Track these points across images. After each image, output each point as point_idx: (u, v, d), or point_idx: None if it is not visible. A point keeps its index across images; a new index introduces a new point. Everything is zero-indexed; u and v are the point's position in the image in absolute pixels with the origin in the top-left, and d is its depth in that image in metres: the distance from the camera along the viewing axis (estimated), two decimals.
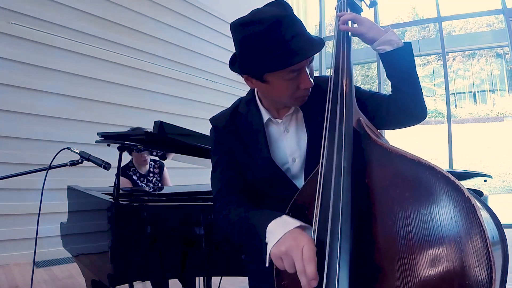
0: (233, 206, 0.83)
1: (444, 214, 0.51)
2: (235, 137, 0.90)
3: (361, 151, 0.67)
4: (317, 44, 0.75)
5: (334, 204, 0.61)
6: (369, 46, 0.86)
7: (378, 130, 0.77)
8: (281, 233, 0.63)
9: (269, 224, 0.66)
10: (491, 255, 0.45)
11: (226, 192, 0.87)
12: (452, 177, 0.52)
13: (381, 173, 0.62)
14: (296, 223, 0.65)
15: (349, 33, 0.87)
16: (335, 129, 0.70)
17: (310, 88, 0.81)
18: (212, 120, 0.95)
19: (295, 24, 0.74)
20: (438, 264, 0.50)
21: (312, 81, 0.79)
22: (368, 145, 0.66)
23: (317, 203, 0.65)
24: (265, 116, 0.89)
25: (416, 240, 0.53)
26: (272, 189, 0.89)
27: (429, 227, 0.52)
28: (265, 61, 0.73)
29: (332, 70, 0.82)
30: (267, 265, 0.65)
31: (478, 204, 0.50)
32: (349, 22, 0.87)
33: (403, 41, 0.82)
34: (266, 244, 0.66)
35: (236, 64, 0.81)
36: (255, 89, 0.90)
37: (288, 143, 0.88)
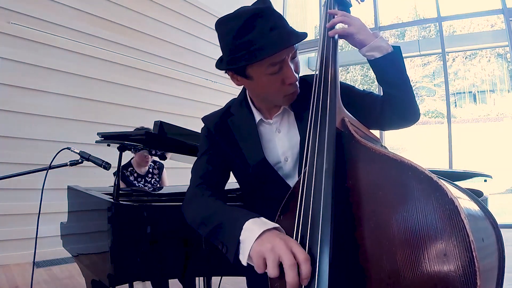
0: (207, 199, 0.81)
1: (426, 217, 0.49)
2: (226, 137, 0.90)
3: (344, 151, 0.65)
4: (296, 35, 0.74)
5: (314, 207, 0.60)
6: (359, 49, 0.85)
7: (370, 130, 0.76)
8: (260, 230, 0.61)
9: (247, 222, 0.64)
10: (475, 260, 0.44)
11: (202, 184, 0.86)
12: (436, 177, 0.50)
13: (364, 174, 0.61)
14: (274, 224, 0.63)
15: (336, 35, 0.85)
16: (318, 129, 0.69)
17: (297, 84, 0.80)
18: (204, 119, 0.96)
19: (273, 17, 0.74)
20: (420, 268, 0.49)
21: (297, 76, 0.78)
22: (351, 145, 0.65)
23: (299, 206, 0.64)
24: (257, 116, 0.89)
25: (398, 243, 0.51)
26: (265, 188, 0.89)
27: (412, 230, 0.50)
28: (244, 54, 0.74)
29: (317, 70, 0.81)
30: (245, 263, 0.62)
31: (468, 204, 0.49)
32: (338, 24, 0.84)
33: (392, 45, 0.81)
34: (239, 242, 0.63)
35: (222, 62, 0.82)
36: (246, 90, 0.91)
37: (280, 143, 0.88)
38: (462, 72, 14.04)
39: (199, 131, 1.71)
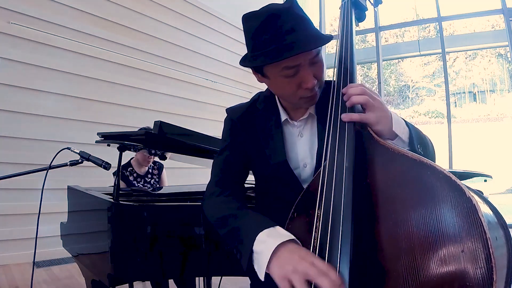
0: (226, 197, 0.82)
1: (444, 214, 0.51)
2: (250, 131, 0.89)
3: (364, 150, 0.66)
4: (315, 40, 0.71)
5: (335, 204, 0.61)
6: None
7: None
8: (274, 243, 0.61)
9: (261, 233, 0.65)
10: (492, 257, 0.45)
11: (223, 179, 0.87)
12: (454, 177, 0.52)
13: (383, 173, 0.62)
14: (289, 235, 0.64)
15: (354, 35, 0.83)
16: (337, 129, 0.70)
17: (315, 88, 0.77)
18: (228, 110, 0.95)
19: (292, 18, 0.71)
20: (438, 264, 0.50)
21: (314, 81, 0.75)
22: (370, 144, 0.66)
23: (319, 203, 0.65)
24: (283, 116, 0.88)
25: (417, 240, 0.53)
26: (280, 190, 0.88)
27: (430, 228, 0.52)
28: (260, 54, 0.73)
29: (335, 72, 0.80)
30: (262, 278, 0.62)
31: (480, 204, 0.50)
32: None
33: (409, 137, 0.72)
34: (252, 251, 0.64)
35: (245, 58, 0.81)
36: None
37: (301, 147, 0.87)
38: (464, 71, 14.02)
39: (200, 131, 1.71)
